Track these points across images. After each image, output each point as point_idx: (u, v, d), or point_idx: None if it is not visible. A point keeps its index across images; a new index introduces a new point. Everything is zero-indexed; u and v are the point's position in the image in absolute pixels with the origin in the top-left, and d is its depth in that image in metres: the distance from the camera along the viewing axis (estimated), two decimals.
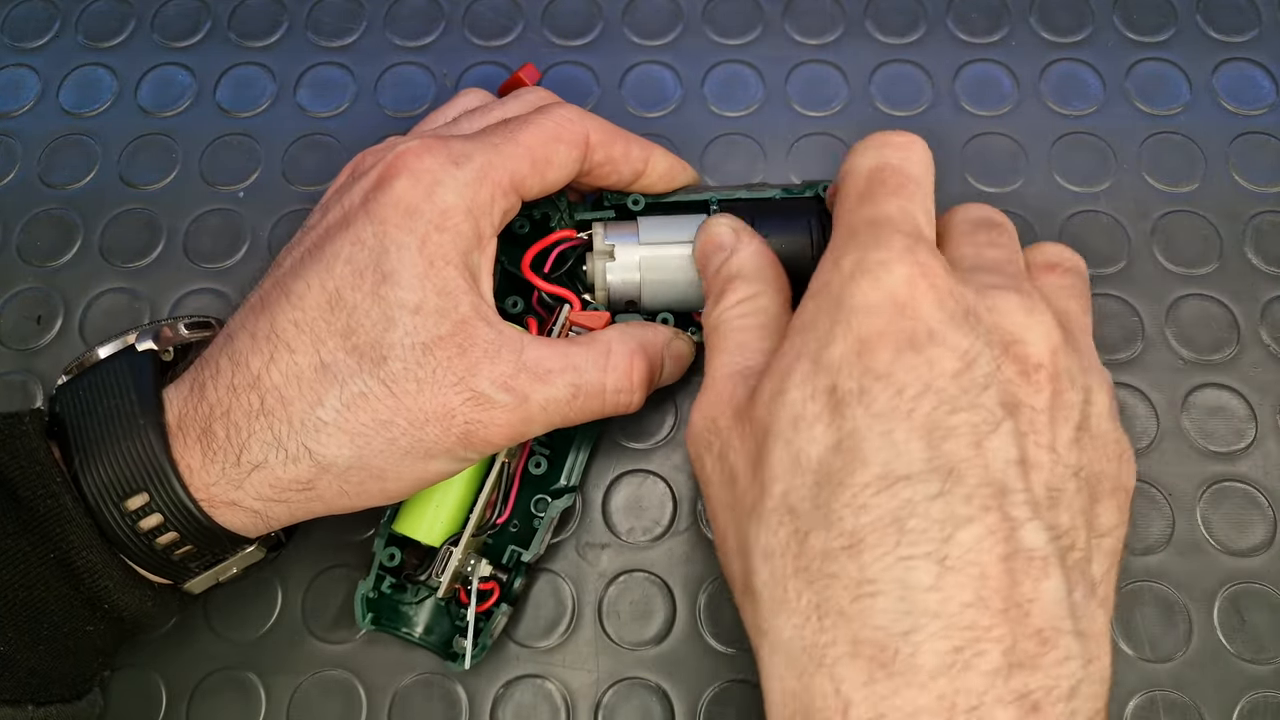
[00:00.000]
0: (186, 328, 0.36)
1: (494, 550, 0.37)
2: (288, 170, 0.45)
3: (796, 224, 0.37)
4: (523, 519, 0.37)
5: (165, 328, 0.35)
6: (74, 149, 0.46)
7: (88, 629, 0.30)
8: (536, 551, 0.36)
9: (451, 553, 0.34)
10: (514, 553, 0.36)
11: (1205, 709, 0.37)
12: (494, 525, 0.36)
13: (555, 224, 0.39)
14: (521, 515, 0.37)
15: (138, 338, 0.34)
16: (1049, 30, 0.47)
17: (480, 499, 0.35)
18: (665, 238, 0.37)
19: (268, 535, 0.33)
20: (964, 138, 0.45)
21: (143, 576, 0.31)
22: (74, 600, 0.30)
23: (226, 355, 0.31)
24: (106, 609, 0.30)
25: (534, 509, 0.37)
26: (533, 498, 0.37)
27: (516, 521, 0.37)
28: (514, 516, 0.37)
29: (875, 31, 0.47)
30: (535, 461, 0.36)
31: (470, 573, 0.35)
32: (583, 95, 0.46)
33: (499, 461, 0.35)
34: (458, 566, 0.34)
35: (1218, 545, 0.39)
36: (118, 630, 0.32)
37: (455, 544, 0.34)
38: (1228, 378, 0.41)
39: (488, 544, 0.37)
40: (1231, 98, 0.46)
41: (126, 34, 0.48)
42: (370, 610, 0.35)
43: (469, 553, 0.35)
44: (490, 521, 0.36)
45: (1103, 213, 0.44)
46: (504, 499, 0.36)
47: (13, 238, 0.44)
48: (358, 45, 0.48)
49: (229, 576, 0.33)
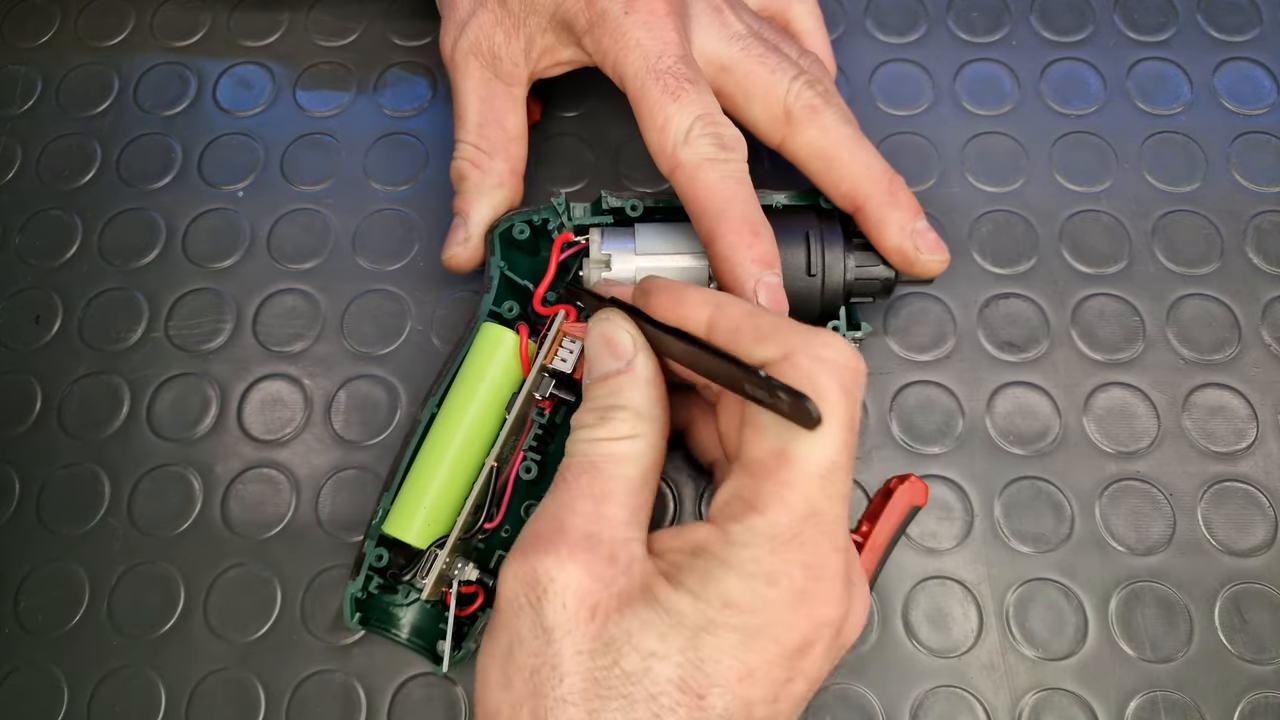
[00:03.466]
0: None
1: (484, 555, 0.37)
2: (288, 170, 0.45)
3: (794, 235, 0.37)
4: (514, 524, 0.37)
5: None
6: (74, 149, 0.46)
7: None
8: None
9: (437, 555, 0.34)
10: (501, 557, 0.36)
11: (1206, 709, 0.37)
12: (484, 530, 0.36)
13: (554, 229, 0.39)
14: (513, 520, 0.37)
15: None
16: (1049, 30, 0.47)
17: (468, 503, 0.35)
18: (661, 249, 0.37)
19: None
20: (964, 138, 0.45)
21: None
22: None
23: None
24: None
25: (524, 514, 0.36)
26: (524, 503, 0.37)
27: (508, 527, 0.37)
28: (506, 521, 0.37)
29: (875, 31, 0.47)
30: (526, 467, 0.36)
31: (456, 575, 0.34)
32: (584, 95, 0.46)
33: (486, 465, 0.35)
34: (443, 569, 0.34)
35: (1219, 545, 0.39)
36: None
37: (441, 546, 0.34)
38: (1228, 378, 0.41)
39: (478, 548, 0.37)
40: (1232, 97, 0.46)
41: (126, 33, 0.48)
42: (359, 610, 0.35)
43: (456, 556, 0.35)
44: (480, 526, 0.35)
45: (1103, 212, 0.44)
46: (496, 504, 0.36)
47: (13, 238, 0.44)
48: (357, 45, 0.48)
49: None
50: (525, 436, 0.36)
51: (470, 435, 0.35)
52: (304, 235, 0.44)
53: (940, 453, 0.40)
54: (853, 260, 0.37)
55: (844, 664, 0.37)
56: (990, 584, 0.38)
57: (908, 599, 0.38)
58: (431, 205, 0.44)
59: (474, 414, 0.35)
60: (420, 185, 0.45)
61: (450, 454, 0.35)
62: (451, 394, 0.36)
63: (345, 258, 0.43)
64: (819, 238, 0.37)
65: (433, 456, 0.35)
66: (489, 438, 0.36)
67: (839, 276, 0.37)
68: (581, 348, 0.36)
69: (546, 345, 0.36)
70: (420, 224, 0.44)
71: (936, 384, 0.41)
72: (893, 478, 0.39)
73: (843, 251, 0.37)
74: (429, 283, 0.43)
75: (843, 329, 0.37)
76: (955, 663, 0.37)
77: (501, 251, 0.38)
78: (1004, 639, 0.38)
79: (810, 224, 0.37)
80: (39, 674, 0.38)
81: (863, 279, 0.37)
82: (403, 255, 0.43)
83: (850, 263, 0.37)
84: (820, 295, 0.37)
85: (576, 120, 0.46)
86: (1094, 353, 0.41)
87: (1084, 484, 0.39)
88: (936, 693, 0.37)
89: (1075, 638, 0.38)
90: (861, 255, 0.37)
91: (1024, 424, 0.40)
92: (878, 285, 0.37)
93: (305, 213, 0.44)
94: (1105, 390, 0.41)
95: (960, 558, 0.39)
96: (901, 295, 0.42)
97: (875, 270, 0.37)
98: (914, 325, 0.42)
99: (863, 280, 0.37)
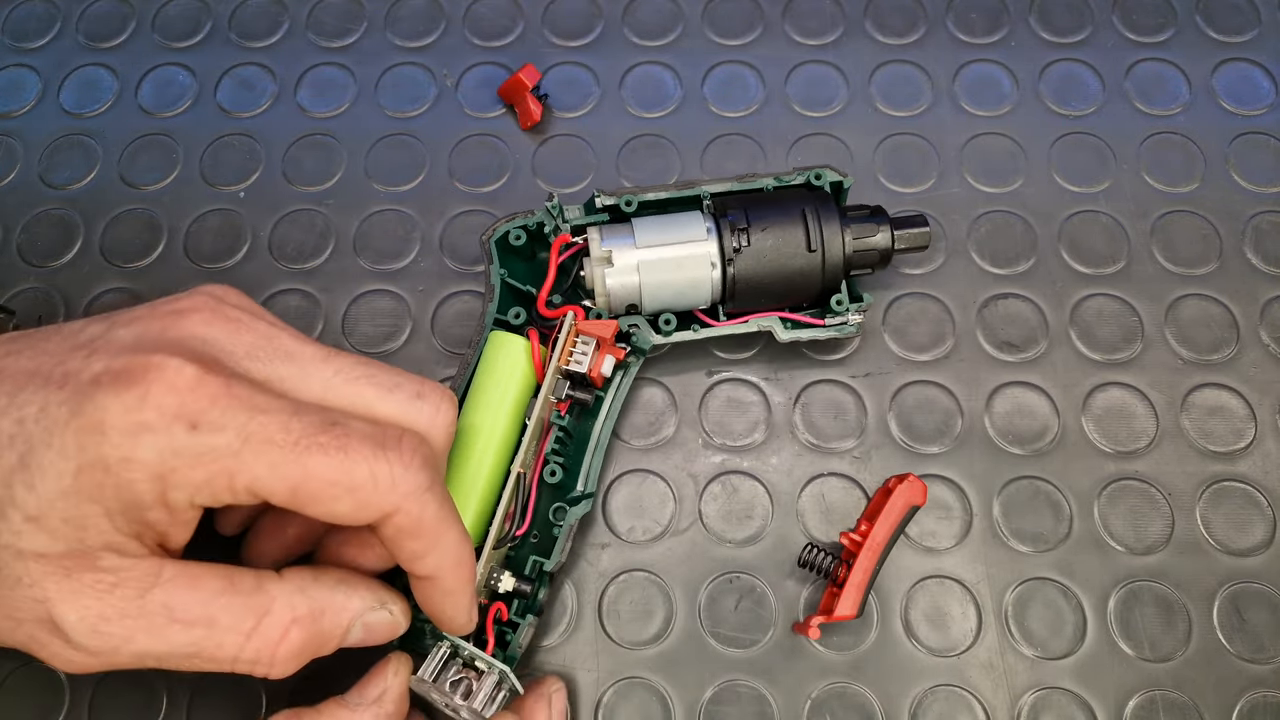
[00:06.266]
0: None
1: (516, 562, 0.36)
2: (288, 170, 0.45)
3: (790, 213, 0.37)
4: (542, 528, 0.37)
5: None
6: (74, 149, 0.46)
7: None
8: (558, 560, 0.36)
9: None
10: (536, 563, 0.35)
11: (1205, 708, 0.37)
12: (514, 537, 0.36)
13: (550, 231, 0.39)
14: (541, 525, 0.37)
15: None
16: (1048, 30, 0.47)
17: (499, 511, 0.34)
18: (661, 239, 0.37)
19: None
20: (964, 138, 0.45)
21: None
22: None
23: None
24: None
25: (553, 518, 0.36)
26: (551, 506, 0.36)
27: (536, 532, 0.37)
28: (534, 527, 0.36)
29: (875, 31, 0.47)
30: (550, 470, 0.36)
31: (495, 585, 0.34)
32: (583, 95, 0.46)
33: (514, 472, 0.35)
34: (481, 578, 0.34)
35: (1217, 545, 0.39)
36: None
37: (475, 558, 0.34)
38: (1227, 378, 0.41)
39: (510, 556, 0.36)
40: (1231, 98, 0.46)
41: (127, 34, 0.48)
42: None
43: (491, 565, 0.35)
44: (510, 533, 0.35)
45: (1102, 213, 0.44)
46: (522, 510, 0.35)
47: (13, 238, 0.44)
48: (358, 45, 0.48)
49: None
50: (546, 440, 0.36)
51: (491, 445, 0.35)
52: (305, 236, 0.44)
53: (939, 452, 0.40)
54: (850, 233, 0.37)
55: (843, 663, 0.37)
56: (989, 583, 0.38)
57: (907, 598, 0.38)
58: (432, 205, 0.44)
59: (493, 423, 0.35)
60: (421, 185, 0.45)
61: (473, 465, 0.35)
62: (468, 405, 0.36)
63: (346, 258, 0.44)
64: (815, 214, 0.37)
65: (457, 469, 0.35)
66: (510, 445, 0.35)
67: (838, 250, 0.37)
68: (596, 344, 0.36)
69: (559, 347, 0.36)
70: (421, 224, 0.44)
71: (935, 384, 0.41)
72: (891, 477, 0.39)
73: (839, 225, 0.37)
74: (429, 283, 0.43)
75: (845, 302, 0.38)
76: (954, 662, 0.37)
77: (500, 259, 0.39)
78: (1003, 638, 0.38)
79: (805, 201, 0.38)
80: (39, 674, 0.38)
81: (861, 250, 0.38)
82: (403, 255, 0.43)
83: (848, 236, 0.37)
84: (821, 270, 0.37)
85: (577, 120, 0.46)
86: (1093, 353, 0.42)
87: (1083, 484, 0.40)
88: (935, 692, 0.37)
89: (1074, 637, 0.38)
90: (858, 227, 0.38)
91: (1023, 424, 0.40)
92: (876, 256, 0.38)
93: (306, 213, 0.44)
94: (1104, 390, 0.41)
95: (959, 557, 0.39)
96: (901, 295, 0.42)
97: (873, 240, 0.38)
98: (913, 325, 0.42)
99: (861, 252, 0.38)
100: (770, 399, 0.41)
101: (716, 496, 0.40)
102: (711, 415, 0.41)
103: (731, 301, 0.38)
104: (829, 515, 0.39)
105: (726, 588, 0.38)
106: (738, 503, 0.40)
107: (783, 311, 0.39)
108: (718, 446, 0.40)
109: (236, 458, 0.26)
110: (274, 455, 0.26)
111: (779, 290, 0.38)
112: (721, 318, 0.38)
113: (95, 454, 0.25)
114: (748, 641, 0.38)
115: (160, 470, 0.26)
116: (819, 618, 0.36)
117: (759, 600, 0.38)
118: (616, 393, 0.38)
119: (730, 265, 0.37)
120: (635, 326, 0.38)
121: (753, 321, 0.38)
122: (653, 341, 0.38)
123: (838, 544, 0.39)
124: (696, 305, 0.38)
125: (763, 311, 0.39)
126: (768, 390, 0.41)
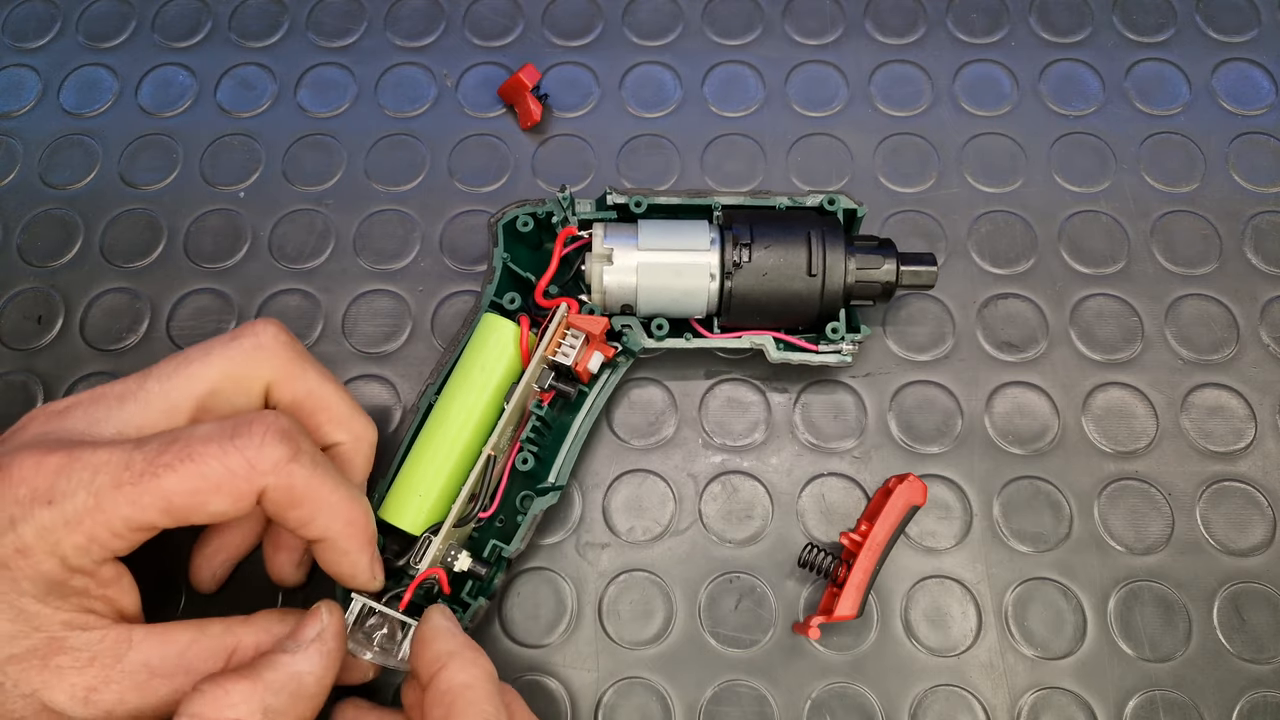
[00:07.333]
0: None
1: (478, 544, 0.37)
2: (288, 170, 0.45)
3: (796, 235, 0.37)
4: (509, 514, 0.37)
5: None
6: (74, 149, 0.46)
7: None
8: (518, 547, 0.36)
9: (430, 541, 0.34)
10: (495, 547, 0.36)
11: (1205, 708, 0.37)
12: (479, 519, 0.36)
13: (558, 222, 0.39)
14: (508, 511, 0.37)
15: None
16: (1048, 30, 0.47)
17: (463, 491, 0.35)
18: (664, 244, 0.37)
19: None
20: (964, 138, 0.45)
21: None
22: None
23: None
24: None
25: (519, 505, 0.37)
26: (519, 494, 0.37)
27: (503, 517, 0.37)
28: (500, 511, 0.37)
29: (875, 32, 0.47)
30: (523, 458, 0.36)
31: (450, 563, 0.35)
32: (583, 95, 0.46)
33: (484, 454, 0.35)
34: (437, 555, 0.34)
35: (1217, 545, 0.39)
36: None
37: (435, 533, 0.34)
38: (1227, 378, 0.41)
39: (473, 537, 0.37)
40: (1231, 98, 0.46)
41: (127, 34, 0.48)
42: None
43: (449, 543, 0.35)
44: (474, 514, 0.36)
45: (1102, 213, 0.44)
46: (491, 493, 0.36)
47: (13, 238, 0.44)
48: (358, 45, 0.48)
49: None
50: (523, 428, 0.36)
51: (468, 424, 0.35)
52: (305, 236, 0.44)
53: (939, 452, 0.40)
54: (854, 262, 0.37)
55: (843, 663, 0.37)
56: (989, 583, 0.38)
57: (907, 598, 0.38)
58: (432, 205, 0.44)
59: (472, 403, 0.35)
60: (420, 185, 0.45)
61: (447, 442, 0.35)
62: (451, 383, 0.36)
63: (346, 258, 0.44)
64: (820, 238, 0.37)
65: (430, 444, 0.35)
66: (487, 427, 0.36)
67: (839, 278, 0.37)
68: (585, 339, 0.36)
69: (548, 337, 0.36)
70: (421, 224, 0.44)
71: (935, 384, 0.41)
72: (892, 477, 0.39)
73: (844, 253, 0.37)
74: (429, 283, 0.43)
75: (842, 331, 0.38)
76: (954, 662, 0.37)
77: (505, 243, 0.39)
78: (1003, 638, 0.38)
79: (812, 224, 0.37)
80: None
81: (864, 281, 0.37)
82: (403, 255, 0.43)
83: (851, 265, 0.37)
84: (820, 296, 0.37)
85: (577, 120, 0.46)
86: (1092, 353, 0.42)
87: (1083, 484, 0.40)
88: (935, 692, 0.37)
89: (1074, 637, 0.38)
90: (863, 258, 0.37)
91: (1023, 424, 0.40)
92: (878, 288, 0.37)
93: (306, 213, 0.44)
94: (1104, 390, 0.41)
95: (959, 557, 0.39)
96: (900, 295, 0.42)
97: (877, 273, 0.37)
98: (913, 325, 0.42)
99: (863, 283, 0.37)
100: (770, 399, 0.41)
101: (716, 496, 0.40)
102: (711, 415, 0.41)
103: (726, 315, 0.38)
104: (829, 515, 0.39)
105: (726, 588, 0.38)
106: (738, 503, 0.40)
107: (778, 332, 0.38)
108: (718, 446, 0.40)
109: (99, 510, 0.28)
110: (129, 493, 0.28)
111: (775, 310, 0.37)
112: (715, 330, 0.38)
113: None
114: (748, 641, 0.38)
115: (48, 546, 0.28)
116: (819, 618, 0.36)
117: (759, 600, 0.38)
118: (601, 391, 0.38)
119: (729, 279, 0.37)
120: (628, 327, 0.38)
121: (745, 338, 0.38)
122: (643, 344, 0.38)
123: (838, 544, 0.39)
124: (691, 314, 0.38)
125: (757, 329, 0.38)
126: (767, 390, 0.41)
